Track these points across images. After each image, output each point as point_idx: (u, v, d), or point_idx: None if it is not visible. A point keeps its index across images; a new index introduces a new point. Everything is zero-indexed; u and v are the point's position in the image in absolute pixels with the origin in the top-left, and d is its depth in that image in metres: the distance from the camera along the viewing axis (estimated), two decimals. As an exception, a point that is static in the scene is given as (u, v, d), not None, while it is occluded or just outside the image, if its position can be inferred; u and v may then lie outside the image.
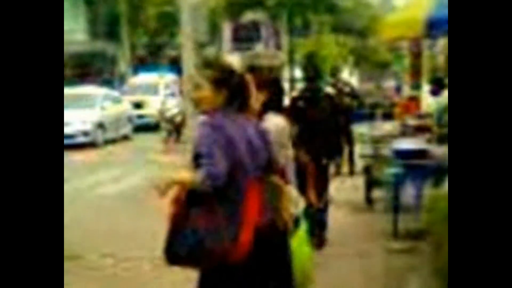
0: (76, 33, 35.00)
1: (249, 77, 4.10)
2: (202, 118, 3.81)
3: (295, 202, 4.25)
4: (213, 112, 3.78)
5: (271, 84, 4.51)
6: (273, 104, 4.47)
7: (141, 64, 38.36)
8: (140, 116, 23.48)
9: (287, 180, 4.17)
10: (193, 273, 3.98)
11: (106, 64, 38.04)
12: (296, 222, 4.28)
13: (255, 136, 3.86)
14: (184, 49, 14.22)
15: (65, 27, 32.91)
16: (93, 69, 36.30)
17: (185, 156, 3.93)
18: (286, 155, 4.54)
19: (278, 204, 3.91)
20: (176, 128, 17.92)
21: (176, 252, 3.71)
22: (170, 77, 27.60)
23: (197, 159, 3.69)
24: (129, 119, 22.18)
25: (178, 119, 17.81)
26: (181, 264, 3.84)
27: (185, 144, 16.17)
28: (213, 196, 3.63)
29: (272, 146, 4.02)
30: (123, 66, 38.21)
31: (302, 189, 4.90)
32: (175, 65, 32.01)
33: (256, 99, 4.30)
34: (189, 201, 3.69)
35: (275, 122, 4.39)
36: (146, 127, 23.10)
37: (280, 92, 4.61)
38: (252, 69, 4.43)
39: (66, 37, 32.85)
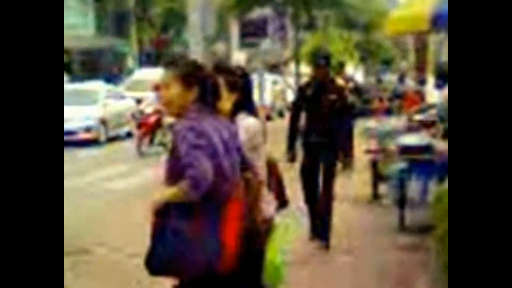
0: (84, 28, 35.04)
1: (219, 79, 3.91)
2: (181, 122, 3.57)
3: (270, 203, 4.13)
4: (192, 115, 3.57)
5: (242, 85, 4.25)
6: (244, 104, 4.24)
7: (147, 60, 38.27)
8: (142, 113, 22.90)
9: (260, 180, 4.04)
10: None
11: (115, 59, 38.03)
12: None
13: (229, 138, 3.69)
14: (191, 44, 14.15)
15: (74, 23, 33.14)
16: (101, 65, 36.28)
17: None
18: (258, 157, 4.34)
19: (255, 205, 3.79)
20: (151, 130, 16.23)
21: (159, 262, 3.57)
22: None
23: (176, 166, 3.51)
24: (133, 115, 21.08)
25: (152, 119, 16.18)
26: (164, 275, 3.69)
27: (159, 147, 15.58)
28: (195, 204, 3.47)
29: (243, 146, 3.86)
30: (131, 62, 38.21)
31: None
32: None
33: (227, 99, 4.12)
34: (171, 210, 3.52)
35: (247, 124, 4.17)
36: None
37: (251, 92, 4.42)
38: (221, 70, 4.23)
39: (75, 32, 33.04)
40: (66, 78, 26.27)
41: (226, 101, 4.09)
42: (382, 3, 39.18)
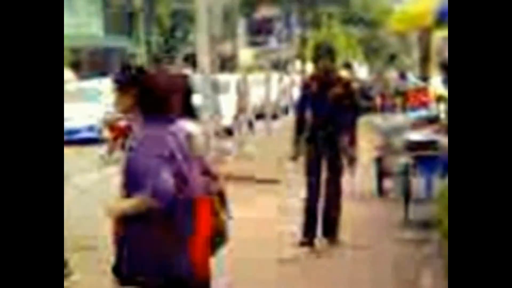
0: (93, 28, 35.05)
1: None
2: (136, 130, 3.44)
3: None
4: (143, 120, 3.46)
5: (181, 88, 4.01)
6: (186, 110, 3.98)
7: (156, 60, 38.18)
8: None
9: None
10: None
11: (123, 59, 37.97)
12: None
13: (185, 141, 3.57)
14: (199, 45, 14.09)
15: (83, 22, 33.09)
16: (110, 64, 36.24)
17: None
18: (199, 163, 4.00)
19: (217, 208, 3.70)
20: (123, 133, 14.78)
21: (128, 271, 3.42)
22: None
23: (134, 177, 3.38)
24: None
25: (123, 122, 14.76)
26: (133, 284, 3.50)
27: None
28: (160, 211, 3.34)
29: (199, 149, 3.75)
30: (139, 61, 38.16)
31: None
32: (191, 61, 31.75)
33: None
34: (140, 221, 3.38)
35: (189, 130, 3.91)
36: None
37: (190, 96, 4.16)
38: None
39: (84, 32, 33.04)
40: (75, 76, 26.21)
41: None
42: (386, 0, 39.09)
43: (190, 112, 4.03)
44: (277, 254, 7.01)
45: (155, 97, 3.50)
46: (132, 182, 3.40)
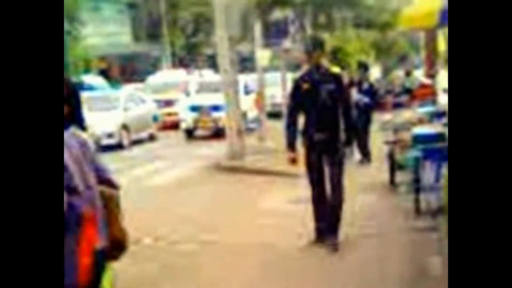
0: (121, 36, 35.19)
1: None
2: None
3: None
4: None
5: (69, 97, 3.42)
6: (74, 118, 3.42)
7: (180, 63, 38.24)
8: (169, 114, 21.74)
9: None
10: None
11: (150, 63, 38.06)
12: None
13: (79, 151, 3.21)
14: (219, 47, 14.06)
15: (112, 31, 33.20)
16: (138, 69, 36.34)
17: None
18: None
19: (115, 217, 3.38)
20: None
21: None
22: (209, 74, 27.09)
23: None
24: (155, 118, 20.14)
25: None
26: None
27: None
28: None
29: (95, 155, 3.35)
30: (165, 66, 38.25)
31: None
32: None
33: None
34: None
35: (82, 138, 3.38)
36: (173, 126, 21.19)
37: (80, 105, 3.64)
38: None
39: (113, 40, 33.19)
40: (104, 83, 26.04)
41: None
42: (398, 2, 38.83)
43: (79, 122, 3.49)
44: (289, 246, 6.98)
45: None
46: None
